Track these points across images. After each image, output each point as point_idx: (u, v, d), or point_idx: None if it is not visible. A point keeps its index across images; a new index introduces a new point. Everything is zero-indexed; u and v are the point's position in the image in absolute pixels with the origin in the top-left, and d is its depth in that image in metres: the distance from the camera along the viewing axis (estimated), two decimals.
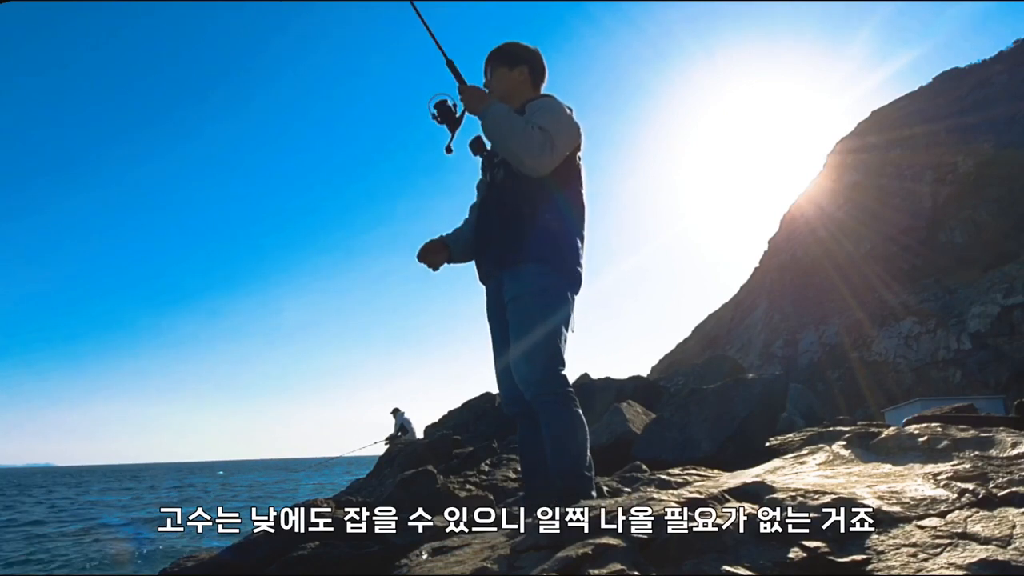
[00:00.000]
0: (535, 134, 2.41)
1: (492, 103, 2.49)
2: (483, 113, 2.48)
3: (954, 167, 32.41)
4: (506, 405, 2.72)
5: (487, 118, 2.47)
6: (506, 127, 2.43)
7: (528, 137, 2.40)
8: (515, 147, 2.42)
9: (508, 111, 2.47)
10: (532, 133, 2.41)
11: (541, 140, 2.41)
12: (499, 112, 2.46)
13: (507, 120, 2.44)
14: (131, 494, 33.87)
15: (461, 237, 2.82)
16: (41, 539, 15.07)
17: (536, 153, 2.41)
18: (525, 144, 2.40)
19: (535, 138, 2.40)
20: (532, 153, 2.40)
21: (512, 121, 2.44)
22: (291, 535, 2.57)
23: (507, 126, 2.43)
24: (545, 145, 2.41)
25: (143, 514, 21.23)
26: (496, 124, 2.45)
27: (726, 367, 13.04)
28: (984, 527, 1.42)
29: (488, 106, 2.48)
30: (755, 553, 1.39)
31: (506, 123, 2.43)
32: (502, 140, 2.45)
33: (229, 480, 47.99)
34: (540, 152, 2.41)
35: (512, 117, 2.45)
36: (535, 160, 2.42)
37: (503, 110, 2.47)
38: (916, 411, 4.34)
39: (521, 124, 2.43)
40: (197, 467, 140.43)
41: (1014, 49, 41.42)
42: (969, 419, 2.99)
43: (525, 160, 2.43)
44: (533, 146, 2.40)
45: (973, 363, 25.56)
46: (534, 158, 2.41)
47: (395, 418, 14.97)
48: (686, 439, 4.80)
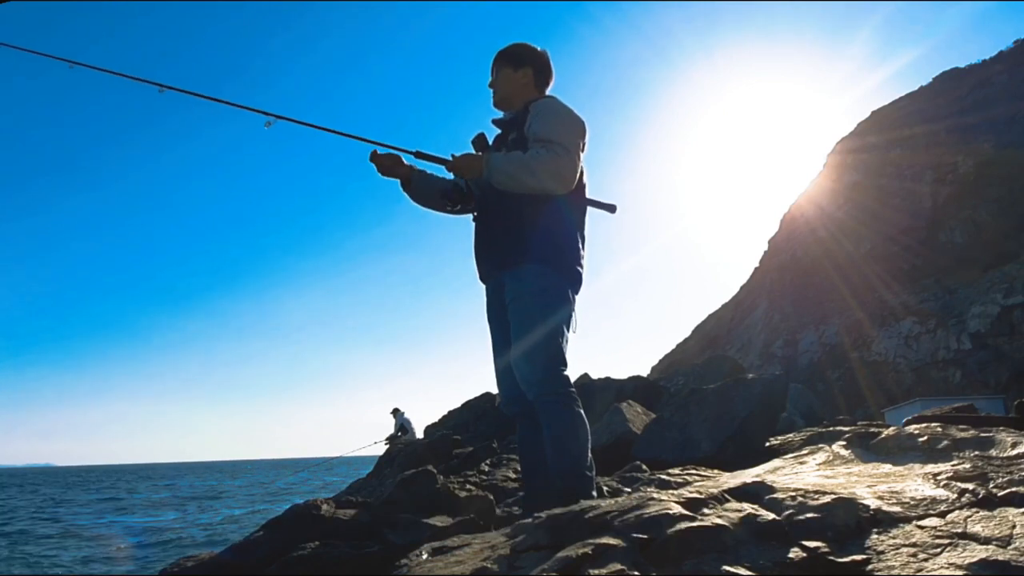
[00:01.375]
0: (543, 158, 2.39)
1: (487, 161, 2.46)
2: (488, 175, 2.45)
3: (954, 167, 32.40)
4: (506, 405, 2.72)
5: (494, 177, 2.44)
6: (516, 171, 2.41)
7: (538, 167, 2.39)
8: (535, 183, 2.42)
9: (505, 158, 2.45)
10: (539, 160, 2.39)
11: (553, 158, 2.40)
12: (499, 164, 2.43)
13: (512, 166, 2.42)
14: (130, 493, 33.90)
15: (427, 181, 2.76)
16: (45, 539, 15.08)
17: (555, 174, 2.40)
18: (542, 174, 2.39)
19: (545, 162, 2.39)
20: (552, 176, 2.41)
21: (518, 162, 2.42)
22: (291, 535, 2.57)
23: (516, 169, 2.41)
24: (559, 160, 2.40)
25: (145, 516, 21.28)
26: (505, 176, 2.42)
27: (726, 367, 13.05)
28: (984, 527, 1.42)
29: (486, 165, 2.45)
30: (755, 553, 1.39)
31: (514, 167, 2.41)
32: (521, 184, 2.44)
33: (229, 480, 47.98)
34: (558, 171, 2.40)
35: (514, 161, 2.43)
36: (559, 181, 2.42)
37: (499, 160, 2.44)
38: (916, 411, 4.34)
39: (527, 160, 2.41)
40: (197, 467, 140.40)
41: (1014, 49, 41.43)
42: (969, 419, 3.00)
43: (552, 187, 2.43)
44: (550, 170, 2.39)
45: (973, 363, 25.56)
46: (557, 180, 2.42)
47: (395, 418, 14.98)
48: (686, 439, 4.80)
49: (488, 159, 2.45)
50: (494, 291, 2.70)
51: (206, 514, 20.92)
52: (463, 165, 2.52)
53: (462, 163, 2.52)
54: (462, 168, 2.52)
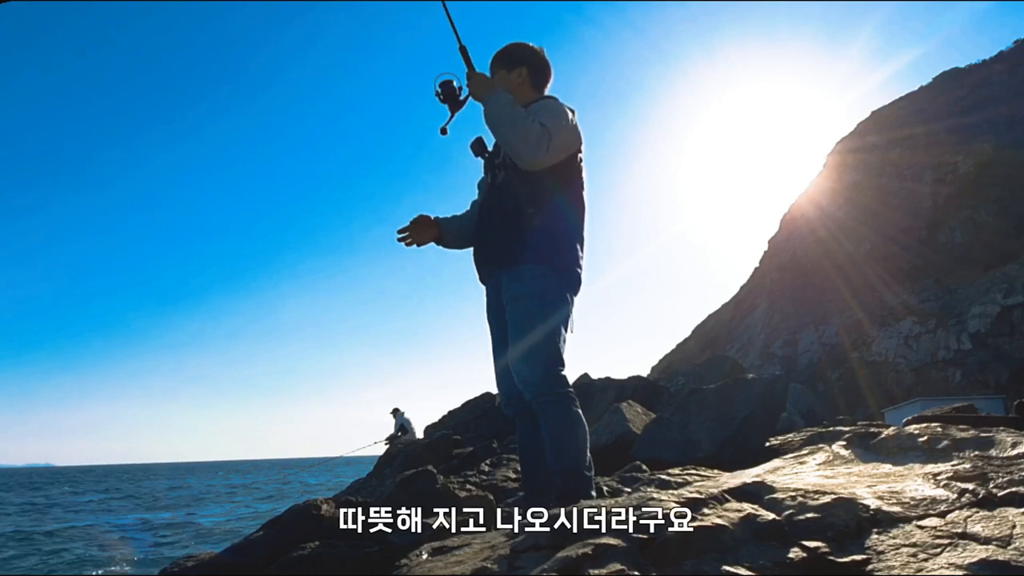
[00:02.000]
0: (535, 127, 2.41)
1: (497, 92, 2.49)
2: (486, 99, 2.48)
3: (954, 167, 32.41)
4: (506, 405, 2.72)
5: (489, 104, 2.46)
6: (507, 116, 2.42)
7: (527, 129, 2.40)
8: (513, 137, 2.41)
9: (511, 101, 2.47)
10: (532, 126, 2.41)
11: (539, 134, 2.40)
12: (502, 101, 2.45)
13: (509, 110, 2.43)
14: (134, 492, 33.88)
15: (457, 223, 2.79)
16: (47, 537, 15.07)
17: (533, 145, 2.40)
18: (523, 135, 2.39)
19: (534, 131, 2.40)
20: (529, 145, 2.40)
21: (514, 111, 2.44)
22: (291, 535, 2.57)
23: (508, 115, 2.42)
24: (543, 140, 2.41)
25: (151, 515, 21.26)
26: (497, 112, 2.44)
27: (726, 367, 13.06)
28: (984, 527, 1.42)
29: (493, 94, 2.48)
30: (755, 553, 1.39)
31: (507, 112, 2.43)
32: (501, 129, 2.45)
33: (229, 480, 47.97)
34: (537, 145, 2.40)
35: (514, 108, 2.45)
36: (531, 153, 2.41)
37: (506, 99, 2.46)
38: (916, 411, 4.34)
39: (522, 115, 2.43)
40: (197, 467, 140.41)
41: (1014, 49, 41.43)
42: (969, 419, 3.00)
43: (522, 151, 2.42)
44: (531, 138, 2.39)
45: (973, 363, 25.57)
46: (531, 151, 2.41)
47: (395, 418, 14.97)
48: (686, 439, 4.80)
49: (495, 94, 2.47)
50: (494, 292, 2.70)
51: (206, 514, 20.92)
52: (478, 80, 2.55)
53: (478, 79, 2.56)
54: (475, 82, 2.55)
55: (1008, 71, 39.88)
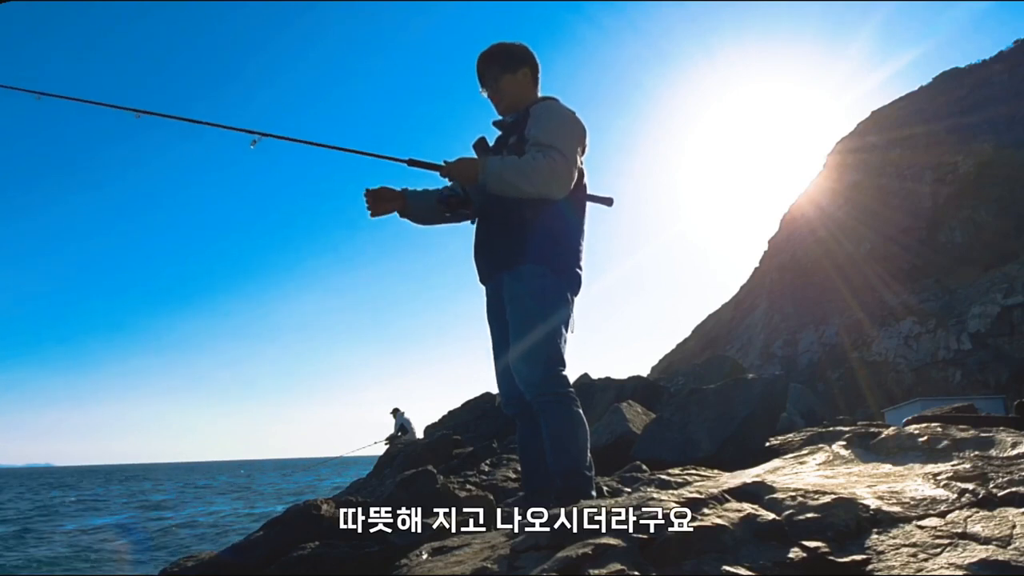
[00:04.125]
0: (540, 164, 2.38)
1: (483, 166, 2.42)
2: (483, 180, 2.42)
3: (954, 167, 32.40)
4: (506, 405, 2.71)
5: (490, 182, 2.41)
6: (513, 178, 2.39)
7: (537, 172, 2.37)
8: (532, 188, 2.40)
9: (501, 161, 2.42)
10: (537, 165, 2.38)
11: (549, 165, 2.38)
12: (495, 170, 2.40)
13: (509, 171, 2.39)
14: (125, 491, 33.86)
15: (425, 195, 2.75)
16: (48, 536, 15.08)
17: (550, 180, 2.39)
18: (538, 179, 2.38)
19: (542, 167, 2.38)
20: (548, 182, 2.39)
21: (514, 168, 2.39)
22: (291, 535, 2.57)
23: (513, 176, 2.39)
24: (555, 166, 2.39)
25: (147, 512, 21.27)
26: (502, 182, 2.40)
27: (726, 367, 13.06)
28: (984, 527, 1.42)
29: (482, 170, 2.41)
30: (755, 553, 1.39)
31: (511, 174, 2.39)
32: (518, 190, 2.41)
33: (229, 480, 47.97)
34: (553, 177, 2.39)
35: (507, 164, 2.40)
36: (555, 186, 2.41)
37: (496, 165, 2.41)
38: (916, 411, 4.34)
39: (523, 166, 2.39)
40: (198, 467, 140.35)
41: (1014, 49, 41.41)
42: (969, 419, 3.00)
43: (548, 193, 2.42)
44: (545, 176, 2.38)
45: (973, 363, 25.56)
46: (552, 186, 2.40)
47: (395, 418, 14.97)
48: (686, 439, 4.80)
49: (484, 164, 2.41)
50: (494, 292, 2.69)
51: (206, 513, 20.91)
52: (458, 171, 2.47)
53: (457, 169, 2.47)
54: (457, 174, 2.48)
55: (1008, 71, 39.86)
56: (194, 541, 13.56)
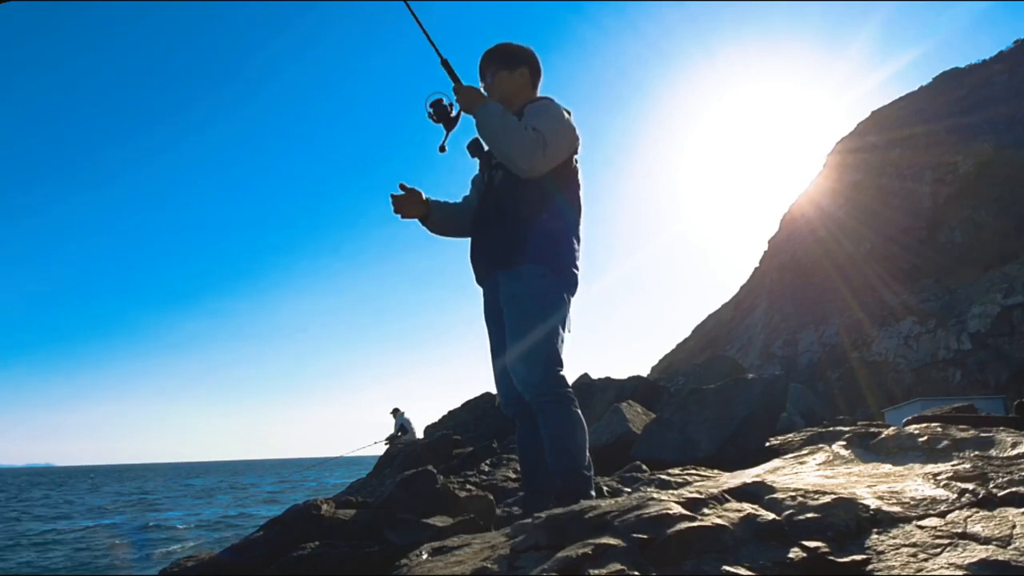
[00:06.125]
0: (529, 135, 2.40)
1: (487, 103, 2.49)
2: (477, 112, 2.47)
3: (954, 167, 32.40)
4: (505, 405, 2.71)
5: (481, 117, 2.46)
6: (500, 127, 2.42)
7: (521, 138, 2.39)
8: (507, 147, 2.41)
9: (503, 111, 2.47)
10: (526, 134, 2.40)
11: (534, 141, 2.40)
12: (494, 111, 2.45)
13: (501, 120, 2.43)
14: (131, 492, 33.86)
15: (447, 209, 2.78)
16: (49, 536, 15.08)
17: (528, 154, 2.39)
18: (518, 144, 2.39)
19: (528, 139, 2.39)
20: (524, 154, 2.39)
21: (507, 121, 2.43)
22: (291, 535, 2.57)
23: (501, 126, 2.42)
24: (538, 146, 2.40)
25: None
26: (490, 124, 2.44)
27: (726, 367, 13.05)
28: (984, 527, 1.42)
29: (483, 105, 2.48)
30: (755, 553, 1.38)
31: (500, 123, 2.43)
32: (495, 140, 2.44)
33: (230, 480, 47.97)
34: (532, 153, 2.40)
35: (507, 117, 2.45)
36: (527, 161, 2.41)
37: (498, 110, 2.46)
38: (916, 411, 4.34)
39: (515, 124, 2.43)
40: (198, 467, 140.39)
41: (1014, 49, 41.44)
42: (969, 419, 3.00)
43: (517, 161, 2.42)
44: (526, 147, 2.39)
45: (973, 363, 25.57)
46: (527, 159, 2.40)
47: (395, 418, 14.98)
48: (686, 439, 4.80)
49: (485, 105, 2.47)
50: (491, 292, 2.69)
51: (206, 513, 20.91)
52: (467, 93, 2.54)
53: (468, 92, 2.54)
54: (464, 94, 2.54)
55: (1008, 71, 39.88)
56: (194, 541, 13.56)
